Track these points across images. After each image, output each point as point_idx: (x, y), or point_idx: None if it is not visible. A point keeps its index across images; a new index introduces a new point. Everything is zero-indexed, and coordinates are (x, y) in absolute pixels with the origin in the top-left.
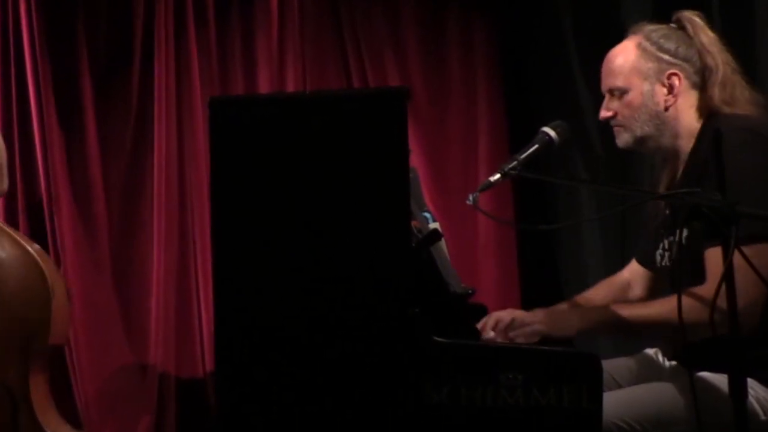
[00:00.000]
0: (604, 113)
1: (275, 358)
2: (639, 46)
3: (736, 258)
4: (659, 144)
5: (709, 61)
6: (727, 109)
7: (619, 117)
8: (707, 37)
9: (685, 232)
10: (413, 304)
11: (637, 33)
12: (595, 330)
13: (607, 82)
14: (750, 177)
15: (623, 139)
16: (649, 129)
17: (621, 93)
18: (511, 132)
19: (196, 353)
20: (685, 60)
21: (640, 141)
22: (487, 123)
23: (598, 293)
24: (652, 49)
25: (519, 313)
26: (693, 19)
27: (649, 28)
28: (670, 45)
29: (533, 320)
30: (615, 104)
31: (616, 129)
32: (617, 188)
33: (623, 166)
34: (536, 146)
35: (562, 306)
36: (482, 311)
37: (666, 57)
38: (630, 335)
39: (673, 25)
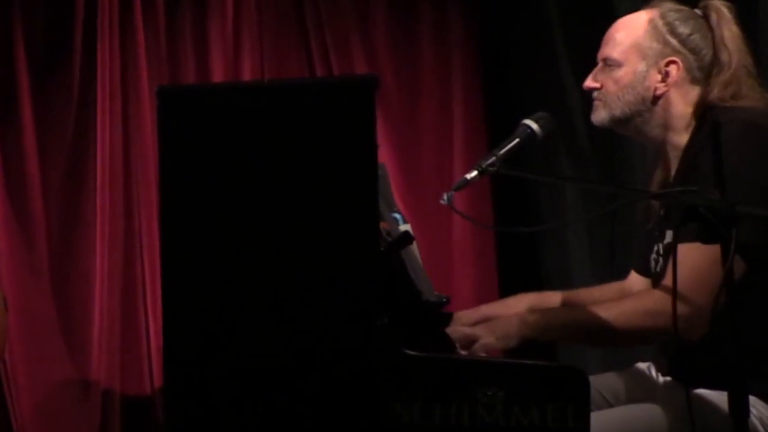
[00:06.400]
0: (589, 83)
1: (229, 373)
2: (650, 21)
3: (689, 259)
4: (642, 132)
5: (723, 57)
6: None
7: (603, 91)
8: (730, 32)
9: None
10: (381, 314)
11: (655, 7)
12: (540, 334)
13: (604, 50)
14: (741, 171)
15: (599, 115)
16: (630, 112)
17: (614, 66)
18: (489, 124)
19: (142, 367)
20: (694, 51)
21: (617, 122)
22: (463, 115)
23: (591, 293)
24: (663, 29)
25: (466, 330)
26: (720, 9)
27: (669, 6)
28: (684, 30)
29: (478, 334)
30: (604, 76)
31: (595, 103)
32: (606, 186)
33: (612, 163)
34: (517, 140)
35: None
36: None
37: (673, 41)
38: (579, 341)
39: (697, 11)
